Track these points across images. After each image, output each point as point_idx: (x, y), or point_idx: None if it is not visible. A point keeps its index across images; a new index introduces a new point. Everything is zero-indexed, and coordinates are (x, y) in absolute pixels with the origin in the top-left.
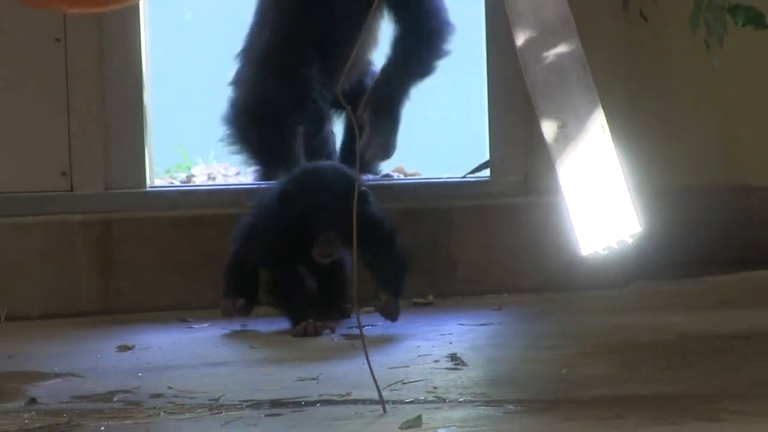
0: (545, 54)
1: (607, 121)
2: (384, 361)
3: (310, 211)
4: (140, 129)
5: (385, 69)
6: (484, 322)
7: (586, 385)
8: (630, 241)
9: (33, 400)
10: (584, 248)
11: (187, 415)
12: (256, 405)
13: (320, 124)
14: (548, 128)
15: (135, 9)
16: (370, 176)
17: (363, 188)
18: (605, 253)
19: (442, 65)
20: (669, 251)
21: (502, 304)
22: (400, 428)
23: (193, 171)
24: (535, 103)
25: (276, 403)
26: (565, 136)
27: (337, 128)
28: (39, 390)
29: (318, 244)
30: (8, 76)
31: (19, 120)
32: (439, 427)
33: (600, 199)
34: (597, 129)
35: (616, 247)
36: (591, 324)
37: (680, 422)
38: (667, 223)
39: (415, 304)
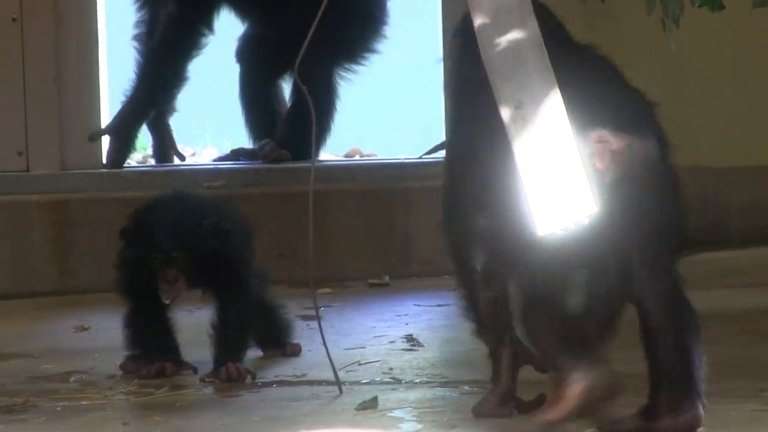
0: (502, 35)
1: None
2: (340, 342)
3: (144, 253)
4: (96, 109)
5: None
6: (440, 303)
7: None
8: (586, 221)
9: None
10: (541, 229)
11: (144, 396)
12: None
13: None
14: (505, 109)
15: None
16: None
17: (216, 222)
18: (562, 233)
19: (400, 46)
20: None
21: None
22: (356, 409)
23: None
24: (493, 84)
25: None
26: (522, 116)
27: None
28: None
29: (159, 284)
30: None
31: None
32: (395, 408)
33: (556, 180)
34: (554, 110)
35: (573, 227)
36: None
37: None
38: None
39: (371, 285)
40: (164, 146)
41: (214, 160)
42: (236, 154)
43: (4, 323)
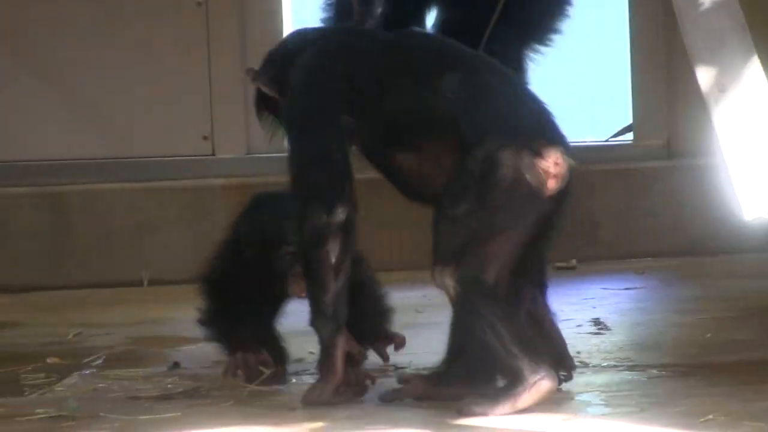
0: (704, 17)
1: None
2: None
3: (273, 249)
4: None
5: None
6: (627, 286)
7: (730, 349)
8: None
9: (176, 365)
10: (747, 213)
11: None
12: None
13: None
14: (708, 92)
15: None
16: None
17: None
18: None
19: (586, 27)
20: None
21: (645, 269)
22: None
23: None
24: (695, 67)
25: (417, 368)
26: (726, 100)
27: None
28: (181, 354)
29: (290, 280)
30: (151, 41)
31: (161, 85)
32: (582, 392)
33: (763, 164)
34: (758, 93)
35: None
36: (735, 288)
37: None
38: None
39: (558, 268)
40: None
41: None
42: None
43: (189, 307)
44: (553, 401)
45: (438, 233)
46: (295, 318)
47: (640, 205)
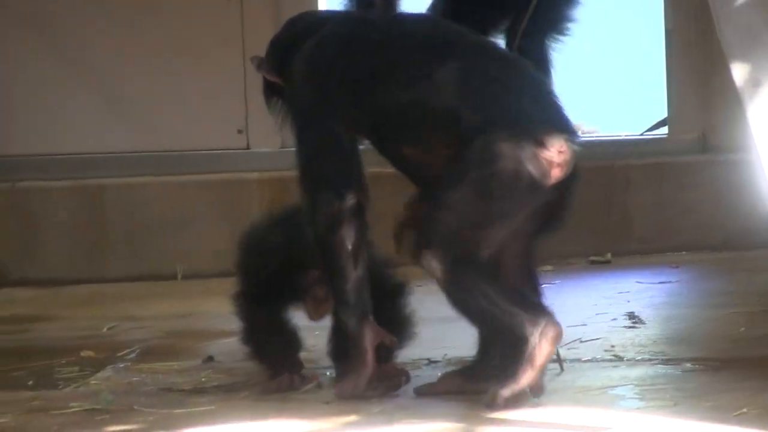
0: (738, 12)
1: None
2: (561, 319)
3: (294, 269)
4: None
5: None
6: (662, 280)
7: (763, 343)
8: None
9: (210, 358)
10: None
11: None
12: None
13: None
14: (743, 87)
15: None
16: None
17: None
18: None
19: (622, 20)
20: None
21: (680, 263)
22: None
23: None
24: (729, 63)
25: (451, 362)
26: (761, 94)
27: None
28: (215, 348)
29: (308, 302)
30: (186, 35)
31: (196, 79)
32: (616, 386)
33: None
34: None
35: None
36: None
37: None
38: None
39: (593, 262)
40: None
41: None
42: None
43: (223, 301)
44: (588, 394)
45: (430, 219)
46: None
47: (675, 199)
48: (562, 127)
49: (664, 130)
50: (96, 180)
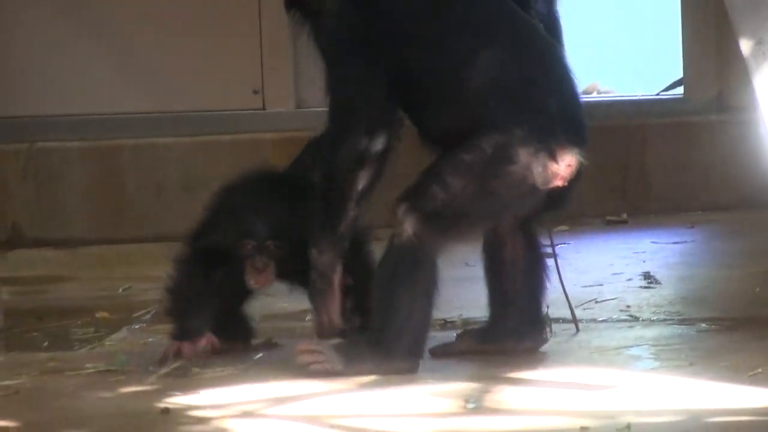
0: None
1: None
2: (577, 279)
3: (233, 239)
4: None
5: None
6: (677, 240)
7: None
8: None
9: None
10: None
11: None
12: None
13: None
14: (746, 46)
15: None
16: None
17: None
18: None
19: None
20: None
21: (696, 222)
22: None
23: None
24: (733, 22)
25: (467, 322)
26: (763, 53)
27: None
28: None
29: (248, 271)
30: None
31: (212, 39)
32: (632, 346)
33: None
34: None
35: None
36: None
37: None
38: None
39: (609, 222)
40: None
41: None
42: None
43: None
44: (603, 354)
45: (425, 184)
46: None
47: (691, 159)
48: (577, 137)
49: (680, 90)
50: (113, 141)
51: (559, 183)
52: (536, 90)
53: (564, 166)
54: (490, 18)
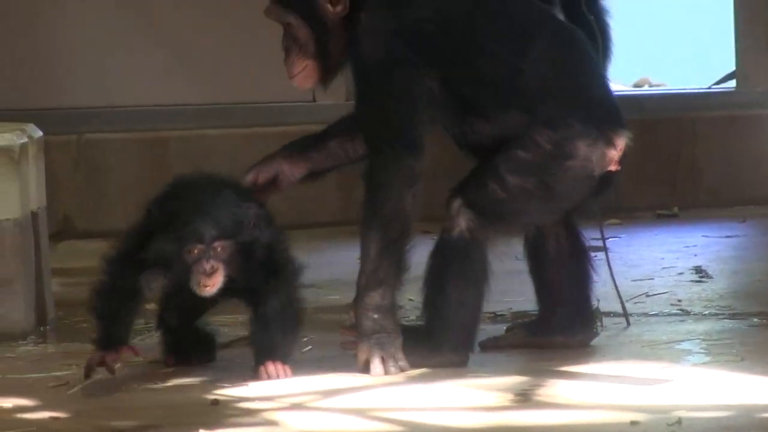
0: None
1: None
2: (628, 273)
3: (180, 243)
4: None
5: None
6: (728, 234)
7: None
8: None
9: None
10: None
11: None
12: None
13: None
14: None
15: None
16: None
17: (257, 207)
18: None
19: None
20: None
21: (747, 216)
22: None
23: None
24: None
25: (516, 315)
26: None
27: None
28: None
29: (195, 276)
30: None
31: (262, 31)
32: (683, 340)
33: None
34: None
35: None
36: None
37: None
38: None
39: (660, 216)
40: None
41: None
42: None
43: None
44: (654, 349)
45: (480, 178)
46: None
47: (743, 152)
48: (623, 122)
49: (733, 83)
50: (161, 132)
51: (613, 167)
52: (583, 81)
53: (619, 151)
54: (529, 21)
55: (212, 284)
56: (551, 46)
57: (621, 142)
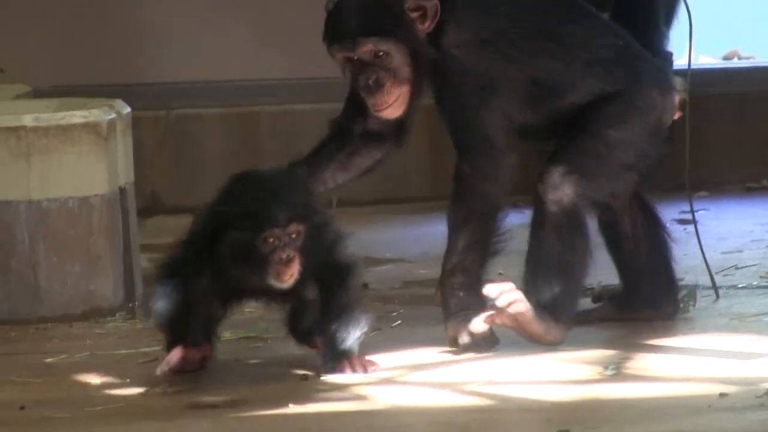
0: None
1: None
2: (717, 246)
3: (255, 233)
4: None
5: None
6: None
7: None
8: None
9: (365, 285)
10: None
11: None
12: None
13: None
14: None
15: None
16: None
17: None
18: None
19: None
20: None
21: None
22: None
23: None
24: None
25: (605, 290)
26: None
27: None
28: (370, 276)
29: (273, 267)
30: None
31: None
32: None
33: None
34: None
35: None
36: None
37: None
38: None
39: (749, 188)
40: None
41: None
42: None
43: (378, 228)
44: (743, 321)
45: (575, 147)
46: None
47: None
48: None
49: None
50: (251, 107)
51: (676, 116)
52: (630, 47)
53: (680, 98)
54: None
55: (291, 274)
56: (604, 25)
57: (680, 90)
